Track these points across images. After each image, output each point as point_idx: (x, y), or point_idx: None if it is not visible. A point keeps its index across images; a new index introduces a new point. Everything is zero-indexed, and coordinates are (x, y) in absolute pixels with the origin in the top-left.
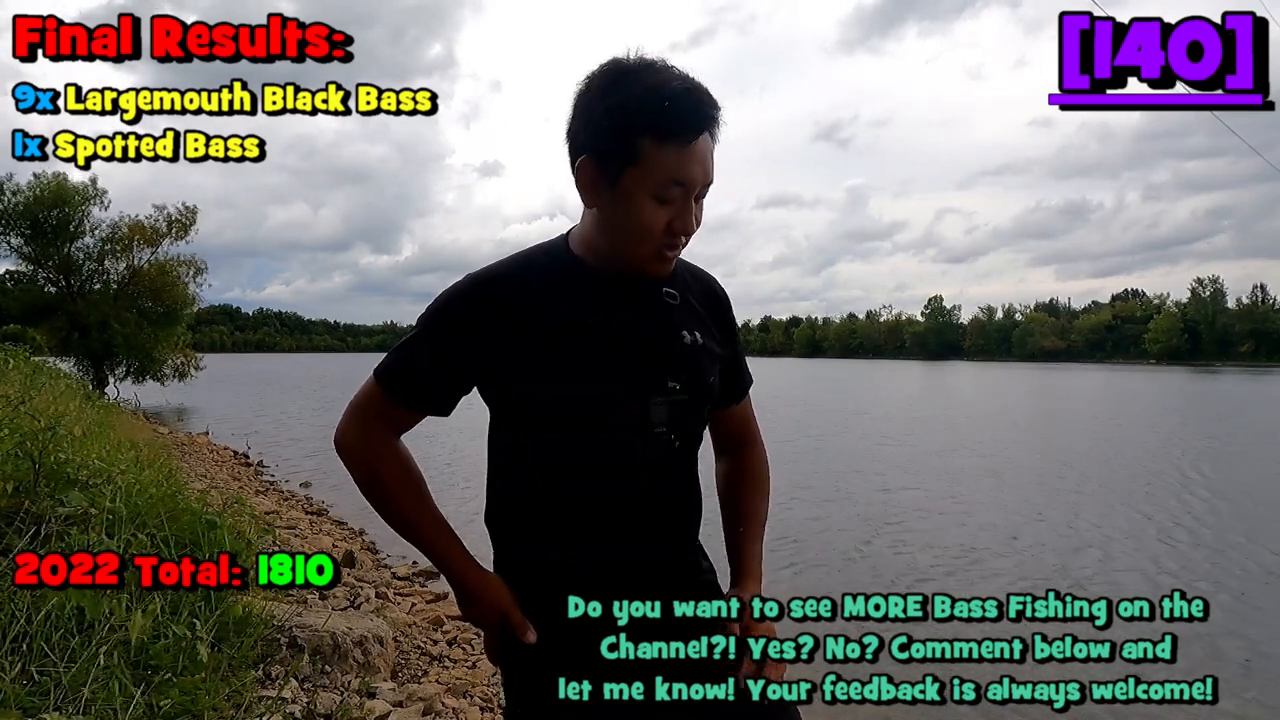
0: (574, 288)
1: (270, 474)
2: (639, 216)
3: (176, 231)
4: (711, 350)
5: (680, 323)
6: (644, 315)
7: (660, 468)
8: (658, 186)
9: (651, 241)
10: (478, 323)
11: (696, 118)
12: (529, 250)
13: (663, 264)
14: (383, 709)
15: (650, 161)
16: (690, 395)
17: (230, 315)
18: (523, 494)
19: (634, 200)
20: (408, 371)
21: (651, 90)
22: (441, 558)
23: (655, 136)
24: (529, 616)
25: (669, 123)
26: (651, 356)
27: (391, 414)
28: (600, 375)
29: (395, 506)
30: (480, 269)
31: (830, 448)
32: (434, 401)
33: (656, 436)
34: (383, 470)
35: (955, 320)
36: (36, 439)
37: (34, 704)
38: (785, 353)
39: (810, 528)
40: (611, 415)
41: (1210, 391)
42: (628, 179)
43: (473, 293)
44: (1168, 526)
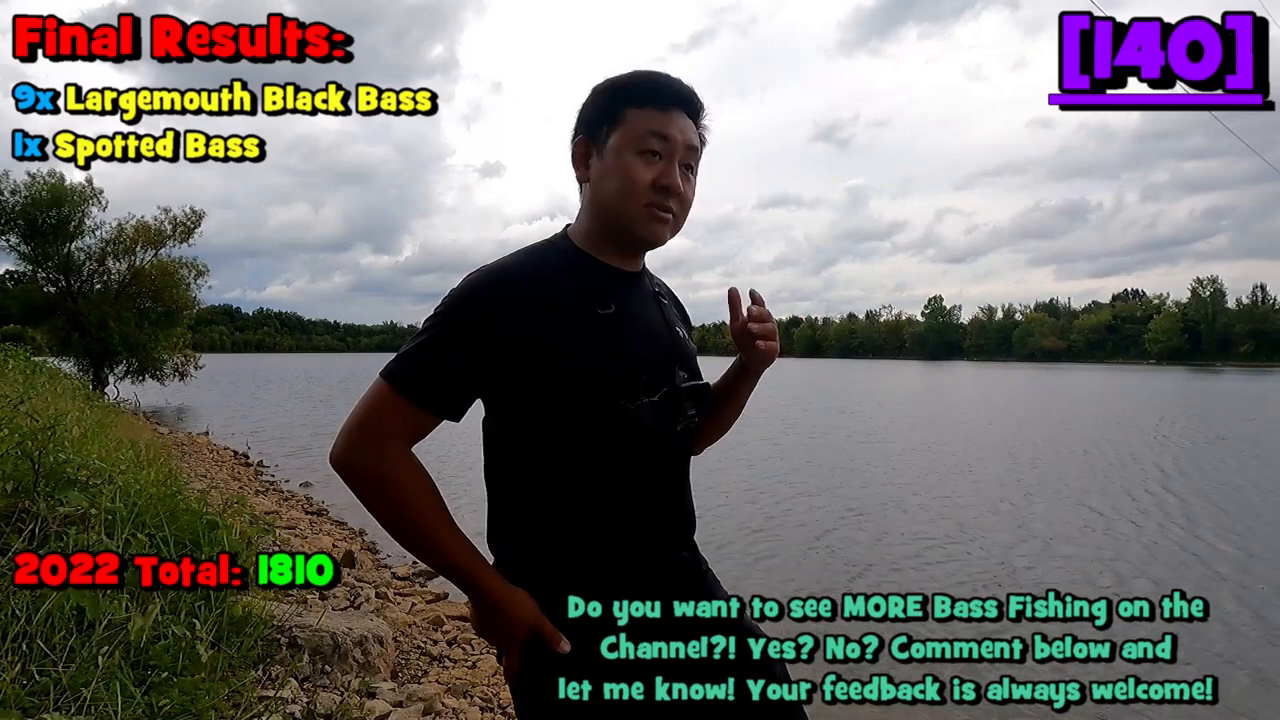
0: (587, 281)
1: (270, 474)
2: (624, 169)
3: (181, 234)
4: (692, 346)
5: (672, 319)
6: (652, 309)
7: (676, 457)
8: (638, 140)
9: (639, 195)
10: (493, 318)
11: (672, 90)
12: (533, 245)
13: (655, 224)
14: (383, 709)
15: (631, 120)
16: (699, 381)
17: (230, 315)
18: (537, 495)
19: (619, 156)
20: (422, 372)
21: (633, 74)
22: (466, 573)
23: (635, 103)
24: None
25: (647, 91)
26: (666, 347)
27: (405, 420)
28: (634, 364)
29: (412, 522)
30: (486, 266)
31: (817, 444)
32: (451, 403)
33: (689, 418)
34: (398, 481)
35: (955, 320)
36: (36, 439)
37: (34, 704)
38: (785, 353)
39: (786, 520)
40: (646, 402)
41: (1211, 391)
42: (613, 140)
43: (484, 289)
44: (1168, 526)
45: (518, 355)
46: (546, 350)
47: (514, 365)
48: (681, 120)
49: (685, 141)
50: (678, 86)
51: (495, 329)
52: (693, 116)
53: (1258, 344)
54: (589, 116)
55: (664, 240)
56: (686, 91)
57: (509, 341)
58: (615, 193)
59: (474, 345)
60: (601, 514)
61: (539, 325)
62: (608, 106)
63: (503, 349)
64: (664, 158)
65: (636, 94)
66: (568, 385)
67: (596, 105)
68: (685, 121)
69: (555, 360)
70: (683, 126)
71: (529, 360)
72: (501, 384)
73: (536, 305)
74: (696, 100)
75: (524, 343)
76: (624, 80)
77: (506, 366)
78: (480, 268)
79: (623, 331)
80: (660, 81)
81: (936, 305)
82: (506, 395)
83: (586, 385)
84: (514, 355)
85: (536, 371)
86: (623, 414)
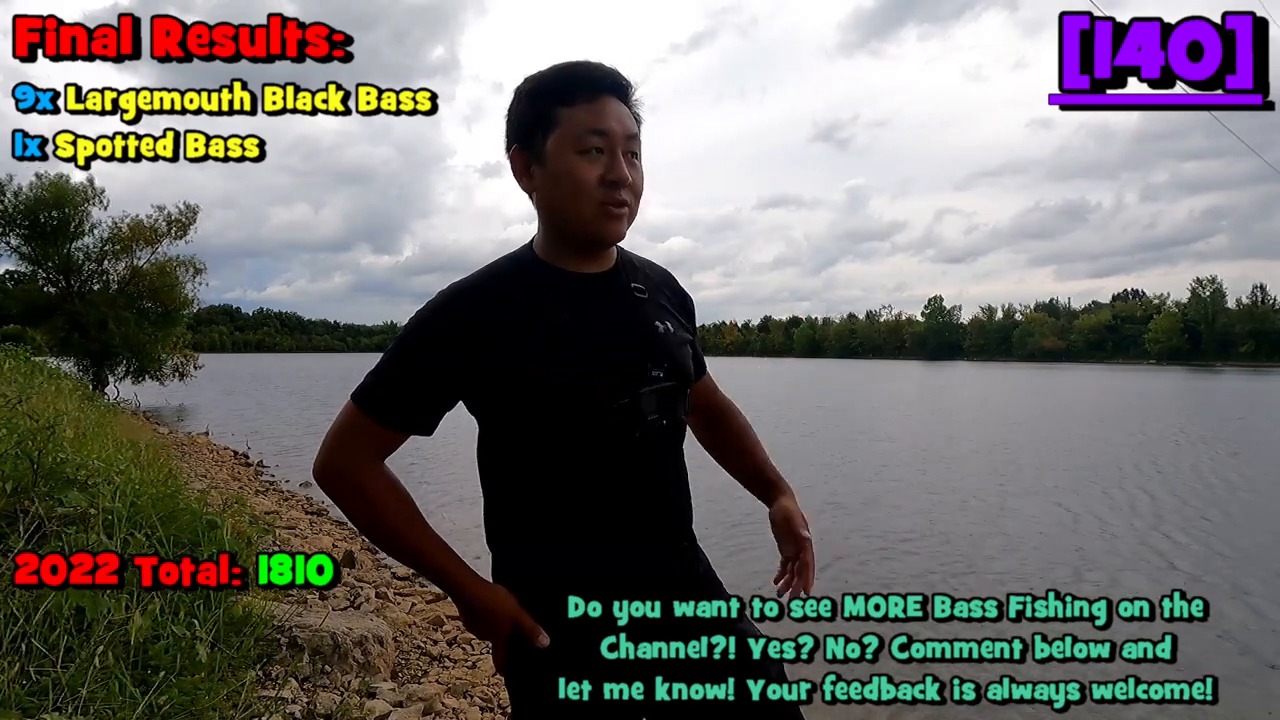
0: (544, 290)
1: (270, 474)
2: (569, 172)
3: (176, 231)
4: (682, 337)
5: (652, 314)
6: (619, 309)
7: (655, 457)
8: (577, 140)
9: (589, 196)
10: (455, 335)
11: (598, 78)
12: (496, 261)
13: (610, 221)
14: (383, 709)
15: (565, 121)
16: (674, 381)
17: (230, 315)
18: (521, 499)
19: (561, 160)
20: (386, 391)
21: (554, 70)
22: (444, 574)
23: (564, 101)
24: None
25: (572, 87)
26: (633, 348)
27: (373, 437)
28: (588, 372)
29: (388, 531)
30: (450, 284)
31: (817, 445)
32: (417, 420)
33: (650, 425)
34: (370, 495)
35: (955, 320)
36: (35, 439)
37: (33, 704)
38: (785, 353)
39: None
40: (604, 409)
41: (1212, 390)
42: (551, 145)
43: (446, 307)
44: (1168, 525)
45: (478, 372)
46: (505, 366)
47: (475, 381)
48: (615, 107)
49: (624, 131)
50: (601, 74)
51: (454, 347)
52: (624, 99)
53: (1258, 344)
54: (519, 124)
55: (622, 235)
56: (613, 76)
57: (467, 360)
58: (564, 198)
59: (433, 363)
60: (579, 516)
61: (496, 342)
62: (537, 110)
63: (461, 367)
64: (606, 152)
65: (563, 91)
66: (530, 393)
67: (524, 111)
68: (618, 107)
69: (517, 368)
70: (618, 114)
71: (490, 376)
72: (470, 394)
73: (494, 322)
74: (624, 82)
75: (481, 360)
76: (547, 78)
77: (468, 381)
78: (445, 287)
79: (579, 338)
80: (583, 72)
81: (936, 305)
82: (479, 404)
83: (547, 393)
84: (474, 372)
85: (499, 386)
86: (586, 419)
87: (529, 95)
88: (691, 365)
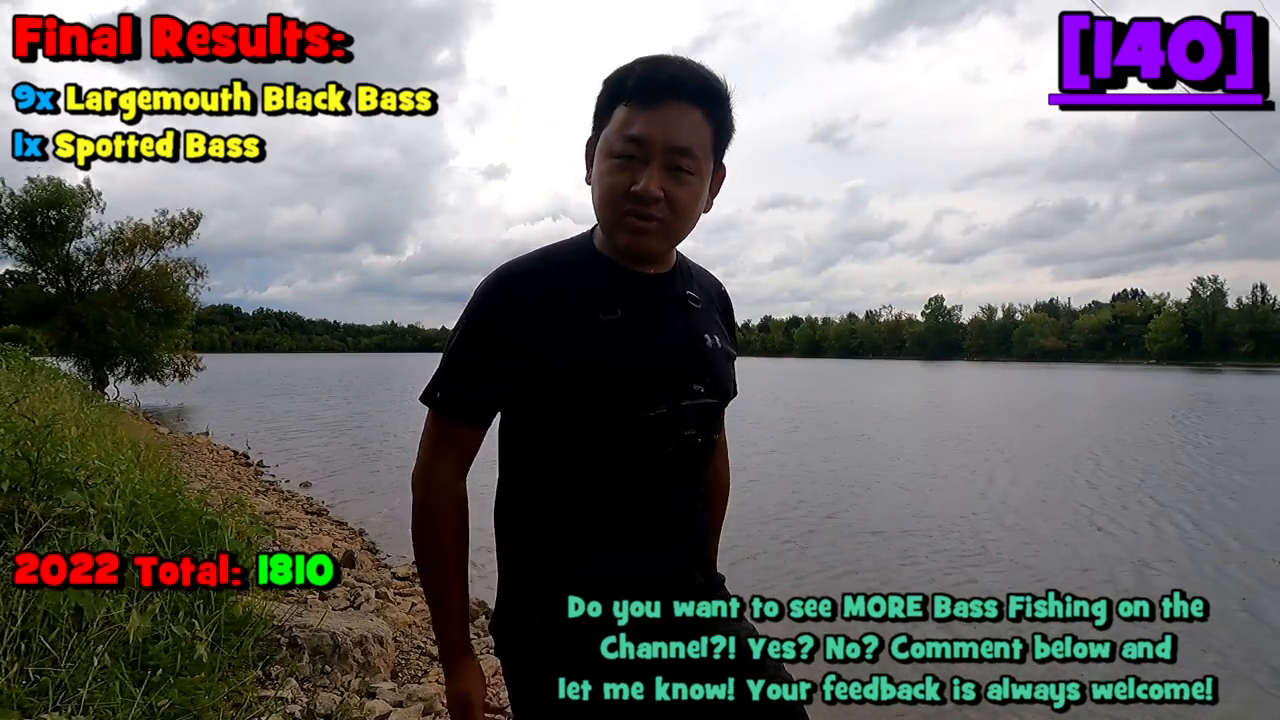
0: (596, 283)
1: (270, 474)
2: (600, 176)
3: (179, 235)
4: (728, 353)
5: (703, 326)
6: (671, 314)
7: (684, 471)
8: (611, 143)
9: (613, 205)
10: (500, 322)
11: (663, 82)
12: (553, 244)
13: (631, 235)
14: (383, 709)
15: (613, 120)
16: (714, 398)
17: (230, 315)
18: (543, 497)
19: (600, 161)
20: (454, 386)
21: (629, 64)
22: (447, 623)
23: (620, 99)
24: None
25: (632, 86)
26: (680, 358)
27: (451, 438)
28: (624, 370)
29: (438, 556)
30: (503, 264)
31: (817, 444)
32: (489, 412)
33: (686, 440)
34: (438, 520)
35: (955, 320)
36: (33, 438)
37: (32, 704)
38: (785, 353)
39: (788, 520)
40: (640, 417)
41: (1213, 390)
42: (600, 144)
43: (497, 290)
44: (1167, 525)
45: (518, 356)
46: (541, 353)
47: (516, 366)
48: (671, 113)
49: (667, 141)
50: (667, 77)
51: (502, 331)
52: (700, 105)
53: (1258, 344)
54: (594, 114)
55: (652, 249)
56: (687, 81)
57: (513, 343)
58: (597, 200)
59: (491, 349)
60: (598, 523)
61: (536, 327)
62: (601, 103)
63: (507, 350)
64: (641, 160)
65: (625, 89)
66: (559, 390)
67: (598, 101)
68: (678, 114)
69: (547, 363)
70: (670, 122)
71: (526, 362)
72: (509, 384)
73: (538, 307)
74: (700, 89)
75: (523, 344)
76: (620, 73)
77: (511, 368)
78: (499, 266)
79: (622, 339)
80: (647, 71)
81: (937, 305)
82: (513, 397)
83: (576, 392)
84: (516, 356)
85: (531, 374)
86: (615, 425)
87: (603, 86)
88: (732, 384)
